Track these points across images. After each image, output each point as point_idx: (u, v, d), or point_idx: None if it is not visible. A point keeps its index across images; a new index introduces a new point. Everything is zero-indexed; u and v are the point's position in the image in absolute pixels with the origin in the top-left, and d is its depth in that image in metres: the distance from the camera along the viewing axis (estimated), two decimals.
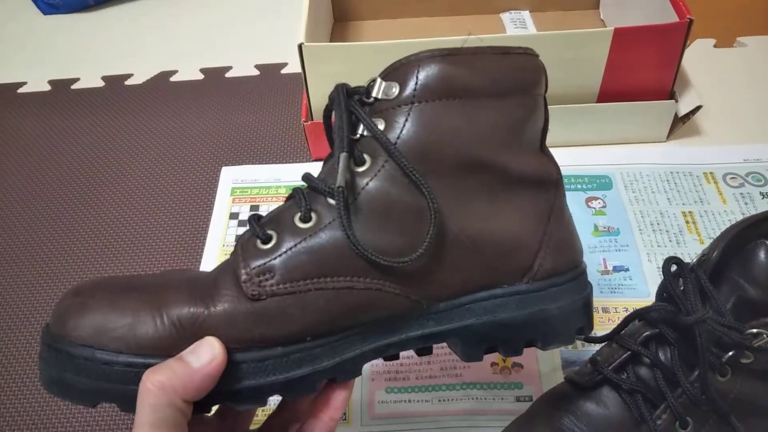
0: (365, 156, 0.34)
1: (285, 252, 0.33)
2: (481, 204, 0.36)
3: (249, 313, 0.32)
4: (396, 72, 0.35)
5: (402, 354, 0.51)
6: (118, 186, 0.69)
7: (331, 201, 0.34)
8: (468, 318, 0.36)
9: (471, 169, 0.35)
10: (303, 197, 0.35)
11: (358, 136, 0.35)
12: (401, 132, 0.34)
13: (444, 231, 0.35)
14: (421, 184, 0.33)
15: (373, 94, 0.35)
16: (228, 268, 0.34)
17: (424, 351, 0.38)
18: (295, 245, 0.33)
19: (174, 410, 0.30)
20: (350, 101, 0.35)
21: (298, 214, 0.34)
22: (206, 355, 0.31)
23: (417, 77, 0.34)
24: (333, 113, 0.36)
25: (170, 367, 0.30)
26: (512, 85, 0.36)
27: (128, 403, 0.31)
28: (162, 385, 0.29)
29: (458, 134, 0.35)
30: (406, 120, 0.34)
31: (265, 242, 0.34)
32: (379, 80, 0.35)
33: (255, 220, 0.36)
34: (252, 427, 0.40)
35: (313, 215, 0.34)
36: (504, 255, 0.36)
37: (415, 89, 0.34)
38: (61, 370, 0.32)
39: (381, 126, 0.34)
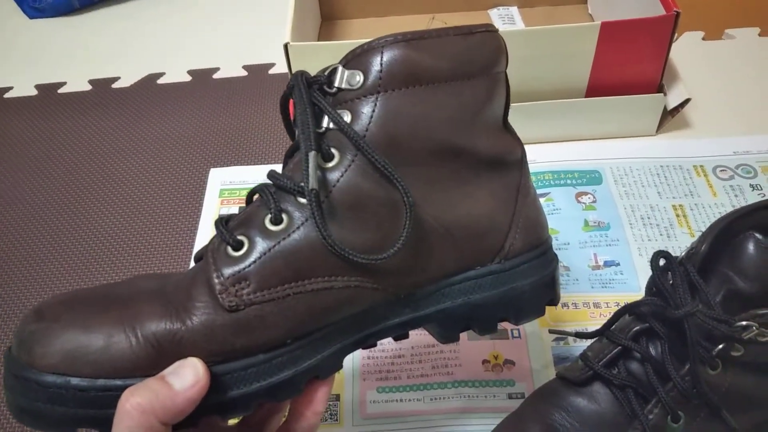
0: (333, 150, 0.33)
1: (259, 258, 0.32)
2: (453, 190, 0.35)
3: (227, 324, 0.31)
4: (359, 59, 0.34)
5: (393, 353, 0.52)
6: (107, 189, 0.68)
7: (302, 200, 0.33)
8: (443, 302, 0.36)
9: (441, 156, 0.35)
10: (271, 197, 0.33)
11: (323, 129, 0.34)
12: (369, 124, 0.33)
13: (419, 222, 0.34)
14: (394, 178, 0.32)
15: (336, 84, 0.34)
16: (201, 275, 0.33)
17: (400, 336, 0.38)
18: (269, 250, 0.32)
19: None
20: (312, 92, 0.34)
21: (269, 216, 0.33)
22: (189, 377, 0.30)
23: (381, 64, 0.33)
24: (291, 102, 0.34)
25: (151, 389, 0.29)
26: (476, 66, 0.35)
27: (110, 427, 0.29)
28: (142, 408, 0.28)
29: (426, 122, 0.34)
30: (373, 111, 0.33)
31: (236, 248, 0.33)
32: (340, 68, 0.34)
33: (222, 224, 0.34)
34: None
35: (284, 216, 0.33)
36: (477, 239, 0.36)
37: (380, 77, 0.33)
38: (31, 400, 0.30)
39: (347, 118, 0.33)
